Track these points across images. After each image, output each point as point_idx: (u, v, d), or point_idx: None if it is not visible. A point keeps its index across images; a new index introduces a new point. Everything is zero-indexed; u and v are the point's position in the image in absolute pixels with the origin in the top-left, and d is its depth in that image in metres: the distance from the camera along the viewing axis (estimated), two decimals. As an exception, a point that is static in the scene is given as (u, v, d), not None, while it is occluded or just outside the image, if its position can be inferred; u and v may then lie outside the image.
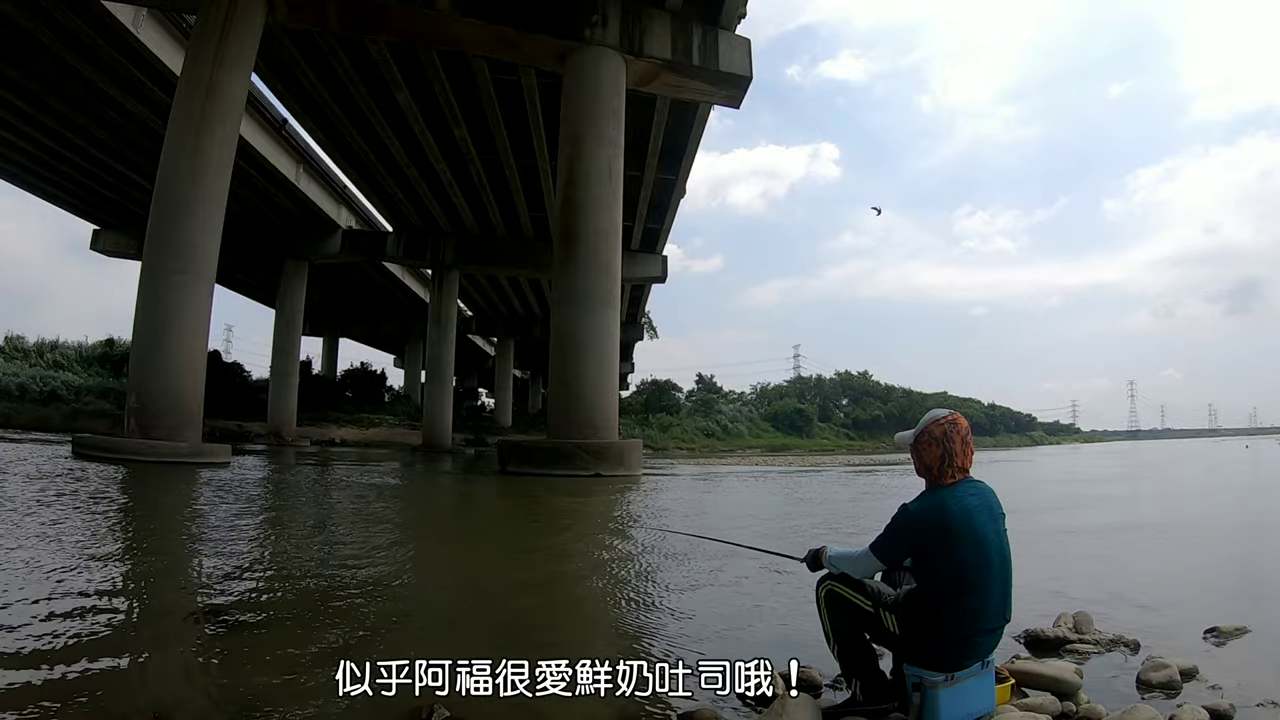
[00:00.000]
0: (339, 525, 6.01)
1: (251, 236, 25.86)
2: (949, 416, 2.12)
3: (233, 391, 29.15)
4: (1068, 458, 35.86)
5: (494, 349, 48.79)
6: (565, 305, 13.42)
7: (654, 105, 17.29)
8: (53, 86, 18.20)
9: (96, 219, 28.66)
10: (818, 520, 7.51)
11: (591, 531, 6.16)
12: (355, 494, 9.02)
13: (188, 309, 11.14)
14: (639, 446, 13.89)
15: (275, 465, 14.05)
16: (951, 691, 1.95)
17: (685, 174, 22.53)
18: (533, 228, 26.81)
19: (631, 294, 34.62)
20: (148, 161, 17.43)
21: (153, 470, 9.32)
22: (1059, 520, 7.54)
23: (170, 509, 6.53)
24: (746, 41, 15.06)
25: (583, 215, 13.36)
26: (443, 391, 28.76)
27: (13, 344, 30.15)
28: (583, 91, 13.65)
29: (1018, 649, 2.86)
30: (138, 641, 2.52)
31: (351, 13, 13.39)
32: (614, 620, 3.29)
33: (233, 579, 3.55)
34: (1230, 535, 6.90)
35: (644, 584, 3.97)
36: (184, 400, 10.94)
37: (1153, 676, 2.49)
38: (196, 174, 11.22)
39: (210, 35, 11.55)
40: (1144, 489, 14.01)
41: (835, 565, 2.23)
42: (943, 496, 2.05)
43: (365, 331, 48.14)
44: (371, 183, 24.50)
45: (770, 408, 58.56)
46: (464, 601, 3.50)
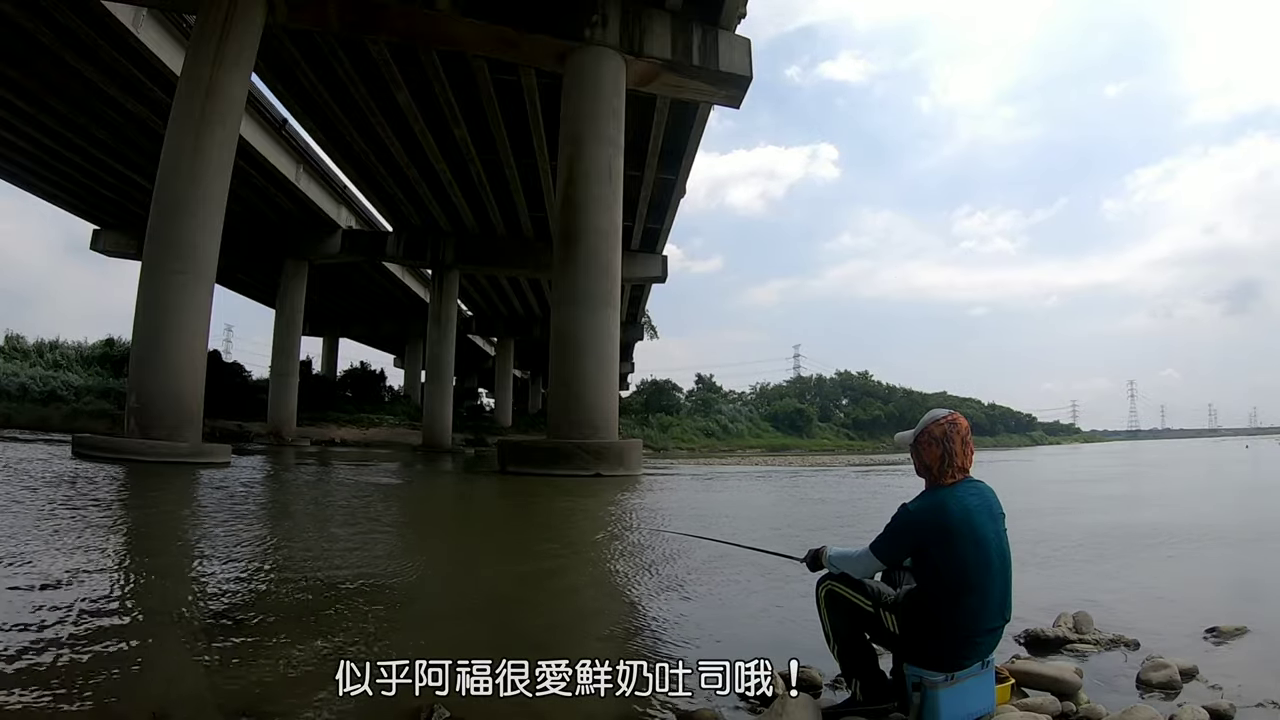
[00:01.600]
0: (339, 525, 6.01)
1: (251, 236, 25.86)
2: (949, 416, 2.13)
3: (233, 391, 29.14)
4: (1068, 458, 35.85)
5: (494, 349, 48.80)
6: (565, 305, 13.42)
7: (654, 105, 17.29)
8: (53, 86, 18.21)
9: (96, 219, 28.67)
10: (819, 521, 7.51)
11: (591, 531, 6.16)
12: (355, 494, 9.01)
13: (188, 309, 11.14)
14: (639, 446, 13.88)
15: (275, 465, 14.04)
16: (951, 691, 1.95)
17: (685, 174, 22.54)
18: (533, 228, 26.82)
19: (631, 294, 34.62)
20: (148, 161, 17.42)
21: (153, 470, 9.31)
22: (1059, 521, 7.54)
23: (170, 509, 6.53)
24: (746, 41, 15.06)
25: (583, 215, 13.36)
26: (443, 391, 28.77)
27: (13, 344, 30.12)
28: (583, 91, 13.65)
29: (1018, 649, 2.86)
30: (137, 641, 2.52)
31: (351, 13, 13.40)
32: (613, 620, 3.29)
33: (232, 579, 3.55)
34: (1230, 536, 6.90)
35: (643, 583, 3.97)
36: (184, 400, 10.94)
37: (1153, 676, 2.49)
38: (196, 174, 11.23)
39: (210, 35, 11.56)
40: (1145, 489, 14.00)
41: (835, 565, 2.23)
42: (943, 496, 2.05)
43: (365, 331, 48.14)
44: (371, 183, 24.50)
45: (770, 408, 58.57)
46: (464, 601, 3.50)
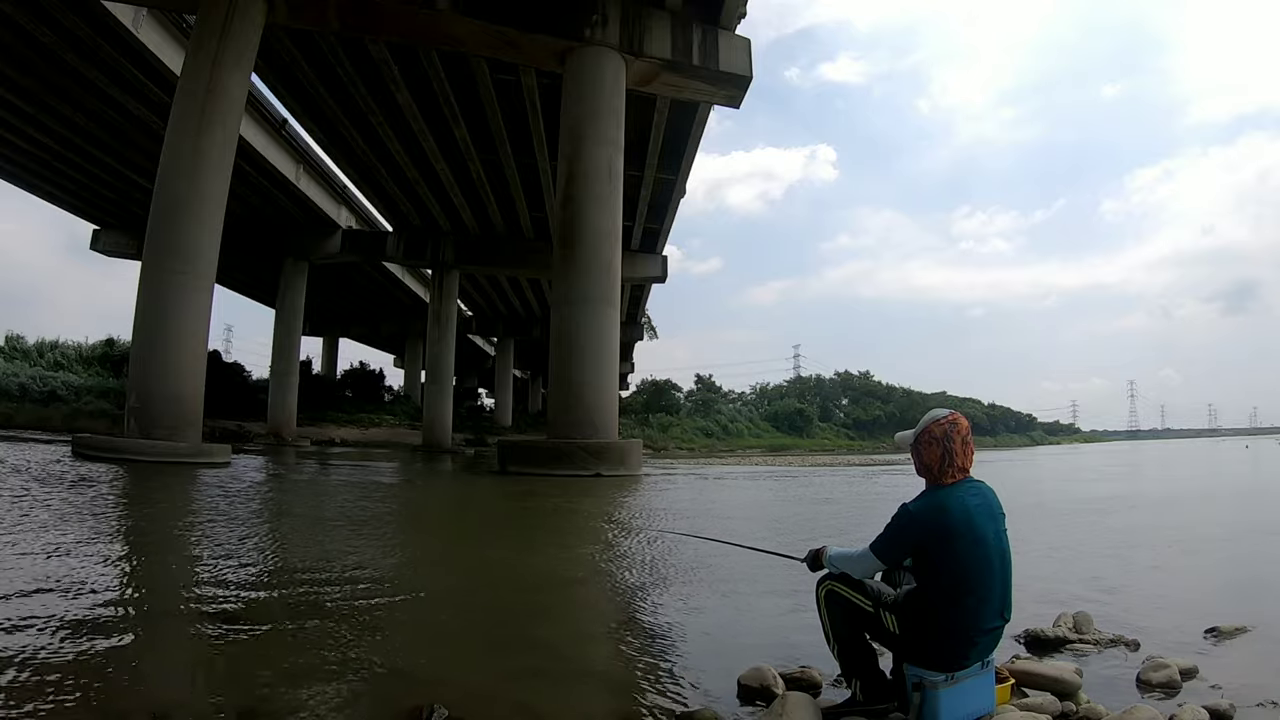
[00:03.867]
0: (339, 525, 6.00)
1: (251, 236, 25.87)
2: (949, 416, 2.13)
3: (233, 391, 29.11)
4: (1069, 458, 35.81)
5: (494, 349, 48.81)
6: (565, 305, 13.41)
7: (654, 105, 17.29)
8: (53, 86, 18.22)
9: (96, 219, 28.68)
10: (821, 522, 7.50)
11: (590, 531, 6.16)
12: (355, 493, 9.01)
13: (188, 309, 11.14)
14: (639, 446, 13.88)
15: (275, 465, 14.04)
16: (951, 691, 1.95)
17: (685, 174, 22.54)
18: (533, 228, 26.82)
19: (631, 294, 34.64)
20: (148, 161, 17.44)
21: (153, 470, 9.31)
22: (1060, 521, 7.54)
23: (170, 509, 6.53)
24: (746, 41, 15.06)
25: (583, 215, 13.36)
26: (443, 391, 28.78)
27: (13, 344, 30.08)
28: (583, 91, 13.65)
29: (1018, 649, 2.85)
30: (137, 641, 2.52)
31: (351, 13, 13.40)
32: (612, 619, 3.28)
33: (232, 578, 3.55)
34: (1231, 535, 6.90)
35: (642, 583, 3.97)
36: (184, 400, 10.94)
37: (1153, 676, 2.48)
38: (196, 174, 11.23)
39: (210, 35, 11.56)
40: (1147, 490, 13.99)
41: (835, 565, 2.23)
42: (943, 496, 2.05)
43: (365, 331, 48.16)
44: (371, 183, 24.51)
45: (770, 408, 58.60)
46: (463, 600, 3.50)
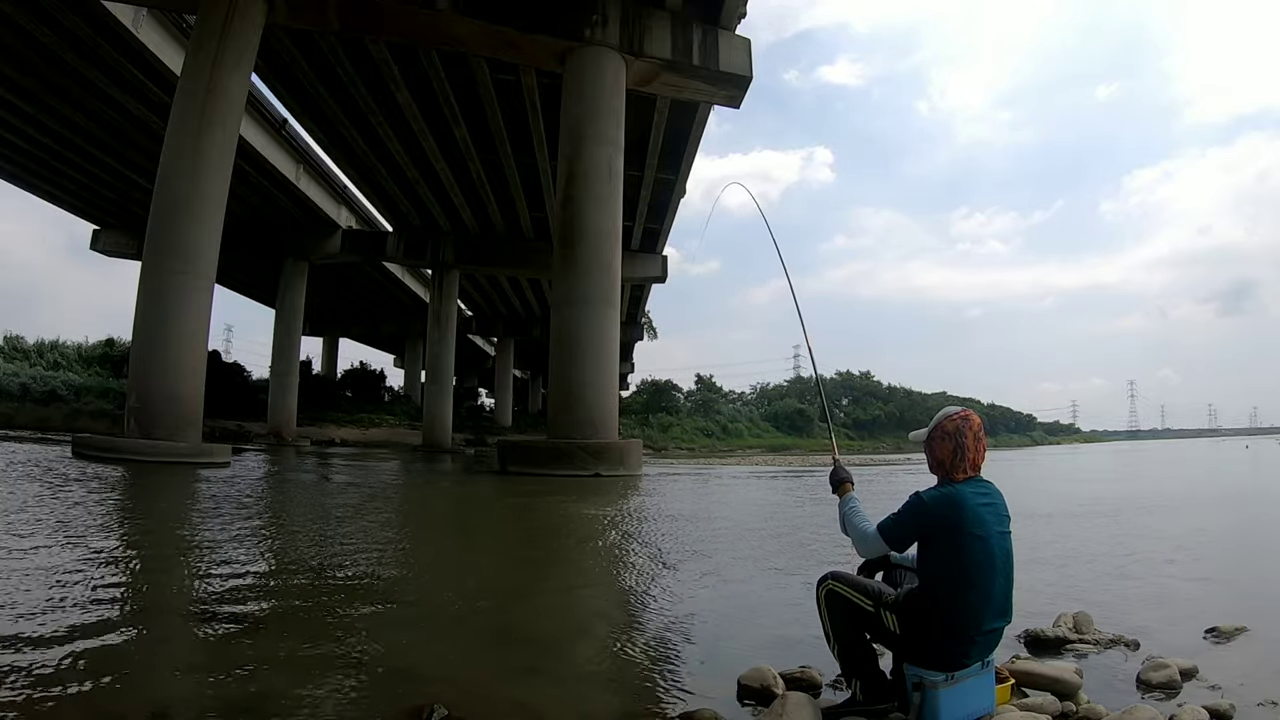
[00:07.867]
0: (338, 525, 6.00)
1: (251, 236, 25.86)
2: (962, 412, 2.16)
3: (233, 391, 29.11)
4: (1069, 459, 35.81)
5: (494, 349, 48.83)
6: (565, 305, 13.41)
7: (654, 105, 17.29)
8: (53, 86, 18.22)
9: (96, 219, 28.69)
10: (821, 523, 7.49)
11: (590, 531, 6.15)
12: (355, 494, 9.01)
13: (188, 309, 11.14)
14: (639, 446, 13.88)
15: (275, 465, 14.04)
16: (951, 691, 1.95)
17: (685, 174, 22.55)
18: (533, 228, 26.83)
19: (631, 294, 34.64)
20: (148, 161, 17.44)
21: (152, 470, 9.32)
22: (1061, 521, 7.53)
23: (170, 508, 6.53)
24: (746, 41, 15.06)
25: (583, 215, 13.36)
26: (443, 391, 28.79)
27: (13, 344, 30.13)
28: (583, 91, 13.66)
29: (1018, 649, 2.85)
30: (136, 641, 2.52)
31: (351, 13, 13.40)
32: (611, 619, 3.28)
33: (232, 578, 3.55)
34: (1231, 536, 6.90)
35: (642, 583, 3.97)
36: (184, 400, 10.94)
37: (1153, 676, 2.48)
38: (196, 174, 11.23)
39: (210, 35, 11.57)
40: (1147, 490, 13.99)
41: (845, 516, 2.26)
42: (955, 491, 2.06)
43: (365, 331, 48.16)
44: (371, 183, 24.51)
45: (770, 408, 58.62)
46: (463, 600, 3.49)
